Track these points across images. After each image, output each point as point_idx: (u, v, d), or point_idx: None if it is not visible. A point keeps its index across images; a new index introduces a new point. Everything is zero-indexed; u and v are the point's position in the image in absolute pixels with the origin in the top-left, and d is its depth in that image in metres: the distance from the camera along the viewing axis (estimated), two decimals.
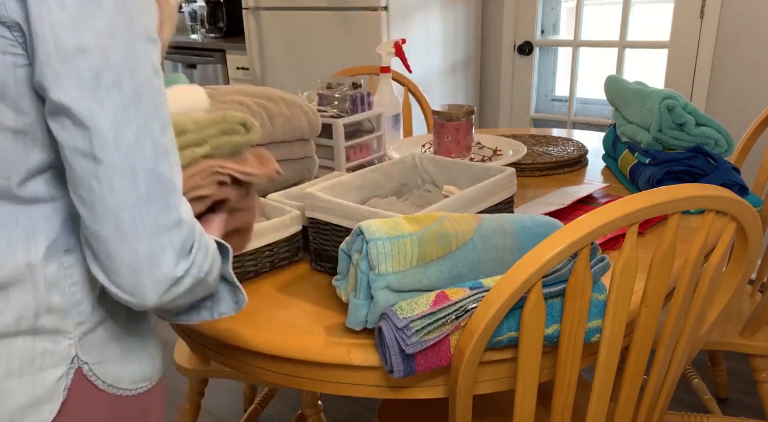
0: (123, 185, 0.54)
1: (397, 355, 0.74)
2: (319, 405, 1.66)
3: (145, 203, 0.55)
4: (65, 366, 0.61)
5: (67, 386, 0.61)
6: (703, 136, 1.29)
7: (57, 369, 0.60)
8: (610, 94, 1.59)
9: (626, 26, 2.57)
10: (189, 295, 0.61)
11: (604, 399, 0.82)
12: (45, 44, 0.51)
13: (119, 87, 0.53)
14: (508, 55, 2.91)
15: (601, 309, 0.78)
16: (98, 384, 0.63)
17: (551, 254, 0.68)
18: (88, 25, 0.52)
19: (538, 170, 1.49)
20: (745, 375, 2.04)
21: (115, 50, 0.53)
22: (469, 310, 0.76)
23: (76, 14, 0.51)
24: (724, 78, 2.38)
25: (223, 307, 0.68)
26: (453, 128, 1.38)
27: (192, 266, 0.58)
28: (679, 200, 0.71)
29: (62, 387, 0.60)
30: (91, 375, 0.62)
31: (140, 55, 0.54)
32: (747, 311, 1.51)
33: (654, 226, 1.15)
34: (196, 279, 0.59)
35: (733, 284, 0.91)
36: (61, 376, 0.60)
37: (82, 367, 0.62)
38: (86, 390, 0.62)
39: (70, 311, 0.61)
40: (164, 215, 0.56)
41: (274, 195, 1.12)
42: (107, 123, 0.53)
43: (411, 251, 0.79)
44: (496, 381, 0.84)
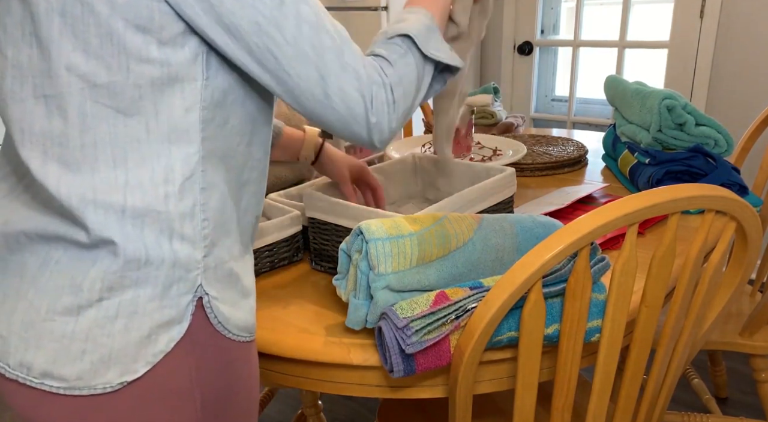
0: (303, 69, 0.66)
1: (397, 355, 0.74)
2: (319, 405, 1.66)
3: (325, 76, 0.67)
4: (192, 293, 0.68)
5: (192, 312, 0.68)
6: (703, 136, 1.29)
7: (187, 295, 0.67)
8: (609, 94, 1.59)
9: (626, 26, 2.57)
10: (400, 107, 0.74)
11: (604, 399, 0.82)
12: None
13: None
14: (508, 55, 2.91)
15: (601, 309, 0.78)
16: (211, 319, 0.69)
17: (551, 254, 0.68)
18: None
19: (538, 170, 1.49)
20: (745, 375, 2.04)
21: None
22: (469, 310, 0.76)
23: None
24: (724, 78, 2.38)
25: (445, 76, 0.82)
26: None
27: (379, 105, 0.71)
28: (679, 200, 0.71)
29: (190, 311, 0.67)
30: (208, 307, 0.69)
31: None
32: (747, 312, 1.51)
33: (654, 226, 1.15)
34: (391, 108, 0.72)
35: (732, 284, 0.91)
36: (189, 302, 0.67)
37: (203, 298, 0.68)
38: (203, 321, 0.69)
39: (200, 243, 0.68)
40: (344, 78, 0.68)
41: (274, 195, 1.12)
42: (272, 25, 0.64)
43: (411, 252, 0.79)
44: (496, 381, 0.84)
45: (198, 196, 0.67)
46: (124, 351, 0.64)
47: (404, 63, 0.75)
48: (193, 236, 0.67)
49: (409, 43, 0.76)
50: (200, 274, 0.68)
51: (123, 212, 0.64)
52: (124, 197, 0.64)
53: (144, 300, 0.65)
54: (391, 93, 0.72)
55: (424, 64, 0.77)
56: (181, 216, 0.66)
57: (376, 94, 0.70)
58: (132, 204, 0.64)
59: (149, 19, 0.61)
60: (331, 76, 0.67)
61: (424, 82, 0.78)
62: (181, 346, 0.67)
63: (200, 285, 0.68)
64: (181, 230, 0.66)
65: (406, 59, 0.75)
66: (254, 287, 0.77)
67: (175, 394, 0.67)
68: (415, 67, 0.76)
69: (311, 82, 0.67)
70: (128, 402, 0.65)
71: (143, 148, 0.65)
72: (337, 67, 0.68)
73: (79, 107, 0.63)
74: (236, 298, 0.72)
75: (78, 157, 0.64)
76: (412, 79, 0.75)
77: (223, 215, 0.70)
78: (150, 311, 0.65)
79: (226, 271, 0.71)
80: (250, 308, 0.75)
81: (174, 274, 0.66)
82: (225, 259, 0.71)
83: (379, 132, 0.72)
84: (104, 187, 0.64)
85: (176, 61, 0.64)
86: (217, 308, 0.69)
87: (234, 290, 0.72)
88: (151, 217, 0.65)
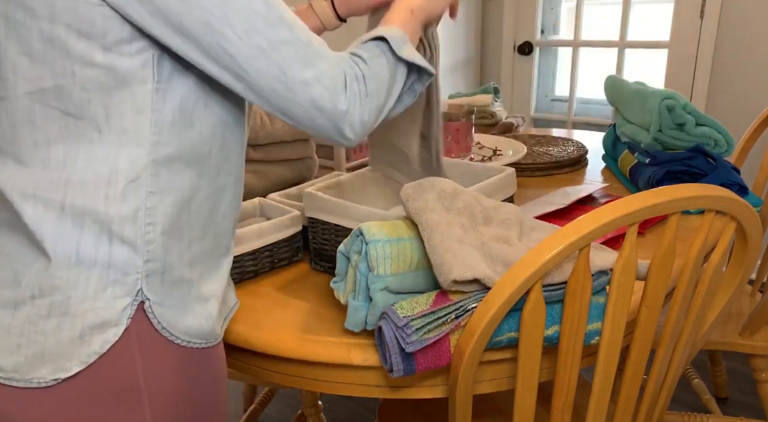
0: (260, 65, 0.64)
1: (396, 354, 0.74)
2: (319, 405, 1.66)
3: (285, 70, 0.65)
4: (131, 297, 0.67)
5: (130, 316, 0.67)
6: (703, 136, 1.29)
7: (124, 298, 0.66)
8: (610, 94, 1.59)
9: (626, 26, 2.57)
10: (373, 101, 0.72)
11: (604, 399, 0.82)
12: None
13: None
14: (508, 55, 2.91)
15: (601, 312, 0.78)
16: (154, 324, 0.68)
17: (551, 254, 0.68)
18: None
19: (538, 170, 1.49)
20: (745, 375, 2.04)
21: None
22: (469, 310, 0.76)
23: None
24: (724, 78, 2.38)
25: (417, 87, 0.81)
26: (453, 128, 1.38)
27: (352, 96, 0.69)
28: (679, 200, 0.71)
29: (127, 315, 0.67)
30: (150, 312, 0.68)
31: None
32: (747, 311, 1.51)
33: (654, 226, 1.15)
34: (364, 101, 0.70)
35: (732, 284, 0.91)
36: (126, 306, 0.66)
37: (144, 302, 0.67)
38: (145, 325, 0.68)
39: (141, 247, 0.67)
40: (305, 70, 0.66)
41: (274, 195, 1.12)
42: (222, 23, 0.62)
43: (410, 255, 0.80)
44: (496, 381, 0.84)
45: (144, 200, 0.66)
46: (57, 349, 0.65)
47: (378, 63, 0.74)
48: (133, 240, 0.66)
49: (383, 47, 0.76)
50: (140, 278, 0.67)
51: (62, 210, 0.64)
52: (65, 195, 0.64)
53: (75, 302, 0.65)
54: (364, 85, 0.71)
55: (396, 66, 0.76)
56: (121, 219, 0.65)
57: (349, 84, 0.69)
58: (71, 203, 0.64)
59: (90, 25, 0.61)
60: (291, 70, 0.65)
61: (396, 86, 0.77)
62: (119, 348, 0.66)
63: (140, 290, 0.67)
64: (120, 233, 0.65)
65: (380, 60, 0.75)
66: (220, 292, 0.76)
67: (118, 395, 0.67)
68: (388, 68, 0.75)
69: (271, 77, 0.65)
70: (64, 398, 0.66)
71: (95, 149, 0.64)
72: (298, 60, 0.65)
73: (27, 109, 0.63)
74: (188, 304, 0.71)
75: (32, 154, 0.65)
76: (385, 77, 0.74)
77: (178, 221, 0.69)
78: (82, 312, 0.65)
79: (176, 277, 0.70)
80: (208, 315, 0.73)
81: (108, 276, 0.65)
82: (174, 265, 0.69)
83: (350, 124, 0.70)
84: (46, 184, 0.64)
85: (123, 65, 0.63)
86: (161, 313, 0.68)
87: (185, 296, 0.71)
88: (90, 217, 0.64)
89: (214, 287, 0.75)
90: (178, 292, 0.70)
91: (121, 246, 0.66)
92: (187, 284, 0.71)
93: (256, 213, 1.11)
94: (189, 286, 0.71)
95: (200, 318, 0.72)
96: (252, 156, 1.21)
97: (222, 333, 0.78)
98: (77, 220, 0.64)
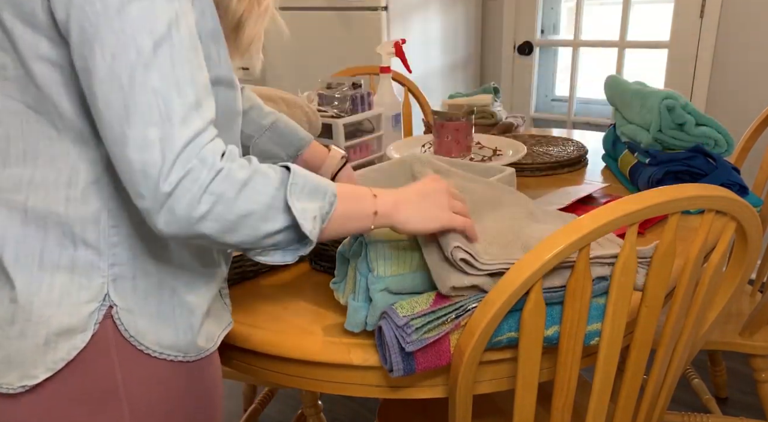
0: (112, 97, 0.56)
1: (397, 354, 0.74)
2: (319, 405, 1.66)
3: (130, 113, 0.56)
4: (98, 301, 0.64)
5: (98, 320, 0.64)
6: (703, 136, 1.29)
7: (90, 304, 0.64)
8: (610, 94, 1.59)
9: (626, 26, 2.57)
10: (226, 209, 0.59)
11: (604, 399, 0.82)
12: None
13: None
14: (508, 55, 2.91)
15: (601, 313, 0.78)
16: (122, 331, 0.66)
17: (551, 254, 0.68)
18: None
19: (538, 170, 1.49)
20: (745, 375, 2.04)
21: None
22: (469, 310, 0.76)
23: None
24: (724, 78, 2.38)
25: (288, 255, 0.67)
26: (453, 128, 1.38)
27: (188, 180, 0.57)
28: (679, 200, 0.71)
29: (94, 320, 0.64)
30: (117, 318, 0.65)
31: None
32: (747, 311, 1.51)
33: (654, 226, 1.15)
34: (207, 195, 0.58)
35: (733, 284, 0.91)
36: (93, 311, 0.64)
37: (112, 307, 0.65)
38: (113, 332, 0.65)
39: (106, 250, 0.64)
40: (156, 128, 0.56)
41: None
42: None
43: (410, 256, 0.80)
44: (496, 381, 0.84)
45: (106, 201, 0.63)
46: (22, 355, 0.63)
47: (264, 183, 0.62)
48: (96, 242, 0.63)
49: (283, 176, 0.64)
50: (106, 283, 0.64)
51: (25, 212, 0.62)
52: (27, 197, 0.62)
53: (38, 307, 0.62)
54: (217, 183, 0.58)
55: (279, 206, 0.63)
56: (82, 221, 0.63)
57: (193, 168, 0.57)
58: (33, 205, 0.62)
59: (32, 14, 0.58)
60: (136, 118, 0.55)
61: (266, 224, 0.63)
62: (90, 355, 0.64)
63: (107, 294, 0.64)
64: (83, 236, 0.63)
65: (267, 181, 0.62)
66: (206, 305, 0.72)
67: (94, 402, 0.65)
68: (269, 198, 0.62)
69: (113, 114, 0.56)
70: (34, 405, 0.64)
71: (54, 146, 0.62)
72: (152, 114, 0.56)
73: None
74: (166, 313, 0.68)
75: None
76: (253, 199, 0.61)
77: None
78: (46, 318, 0.62)
79: (153, 283, 0.67)
80: (188, 327, 0.69)
81: (73, 281, 0.63)
82: (149, 271, 0.66)
83: (168, 210, 0.57)
84: (9, 184, 0.63)
85: (69, 61, 0.60)
86: (129, 321, 0.65)
87: (163, 304, 0.68)
88: (52, 219, 0.62)
89: (200, 298, 0.71)
90: (154, 299, 0.67)
91: (85, 250, 0.63)
92: (169, 292, 0.68)
93: None
94: (171, 294, 0.68)
95: (178, 329, 0.69)
96: None
97: (211, 347, 0.74)
98: (40, 223, 0.62)
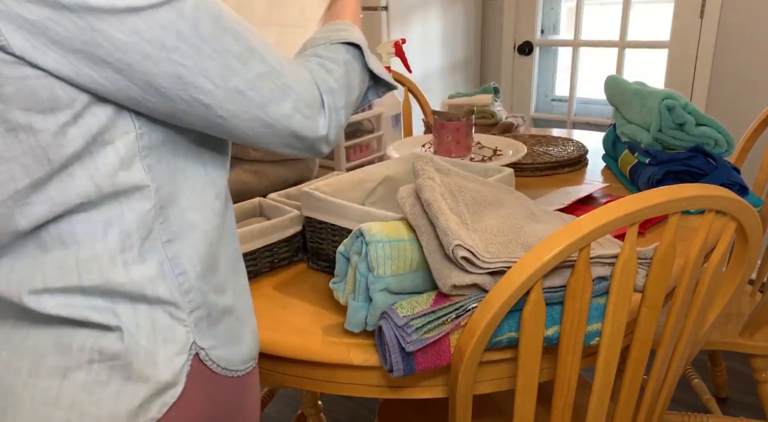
0: (238, 107, 0.59)
1: (397, 354, 0.74)
2: (319, 405, 1.66)
3: (263, 107, 0.61)
4: (186, 354, 0.62)
5: (188, 372, 0.62)
6: (703, 136, 1.29)
7: (180, 357, 0.61)
8: (610, 94, 1.59)
9: (626, 26, 2.57)
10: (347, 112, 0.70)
11: (604, 399, 0.82)
12: None
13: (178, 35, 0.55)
14: (508, 55, 2.91)
15: (601, 313, 0.78)
16: (214, 369, 0.64)
17: (551, 254, 0.68)
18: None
19: (538, 170, 1.49)
20: (745, 375, 2.04)
21: None
22: (469, 310, 0.76)
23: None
24: (724, 78, 2.38)
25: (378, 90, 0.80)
26: (453, 128, 1.38)
27: (329, 114, 0.67)
28: (679, 200, 0.71)
29: (185, 372, 0.62)
30: (207, 360, 0.64)
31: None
32: (747, 311, 1.51)
33: (654, 226, 1.15)
34: (339, 115, 0.68)
35: (733, 284, 0.91)
36: (183, 364, 0.61)
37: (199, 353, 0.63)
38: (205, 375, 0.64)
39: (182, 300, 0.61)
40: (284, 103, 0.62)
41: (274, 195, 1.12)
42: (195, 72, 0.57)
43: (410, 256, 0.80)
44: (496, 381, 0.84)
45: (162, 252, 0.60)
46: (111, 420, 0.58)
47: (351, 70, 0.72)
48: (170, 296, 0.60)
49: (355, 53, 0.74)
50: (191, 331, 0.62)
51: (83, 292, 0.58)
52: (79, 278, 0.57)
53: (138, 366, 0.59)
54: (339, 98, 0.69)
55: (364, 76, 0.76)
56: (150, 281, 0.59)
57: (326, 103, 0.66)
58: (90, 284, 0.58)
59: (53, 99, 0.53)
60: (270, 106, 0.61)
61: (361, 92, 0.76)
62: (177, 409, 0.61)
63: (194, 342, 0.62)
64: (155, 295, 0.60)
65: (352, 67, 0.73)
66: (251, 302, 0.72)
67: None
68: (359, 78, 0.74)
69: (249, 117, 0.60)
70: None
71: (91, 215, 0.57)
72: (276, 93, 0.61)
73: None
74: (236, 332, 0.67)
75: (22, 240, 0.57)
76: (355, 87, 0.73)
77: (209, 255, 0.63)
78: (145, 378, 0.59)
79: (220, 311, 0.65)
80: (252, 332, 0.70)
81: (156, 339, 0.60)
82: (214, 300, 0.64)
83: (326, 142, 0.68)
84: (54, 271, 0.57)
85: (92, 127, 0.55)
86: (218, 356, 0.64)
87: (232, 326, 0.67)
88: (115, 290, 0.58)
89: (245, 300, 0.71)
90: (224, 325, 0.66)
91: (162, 307, 0.60)
92: (229, 313, 0.67)
93: (256, 213, 1.11)
94: (231, 313, 0.67)
95: (249, 340, 0.69)
96: (252, 156, 1.21)
97: None
98: (106, 296, 0.58)
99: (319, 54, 0.71)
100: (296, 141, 0.65)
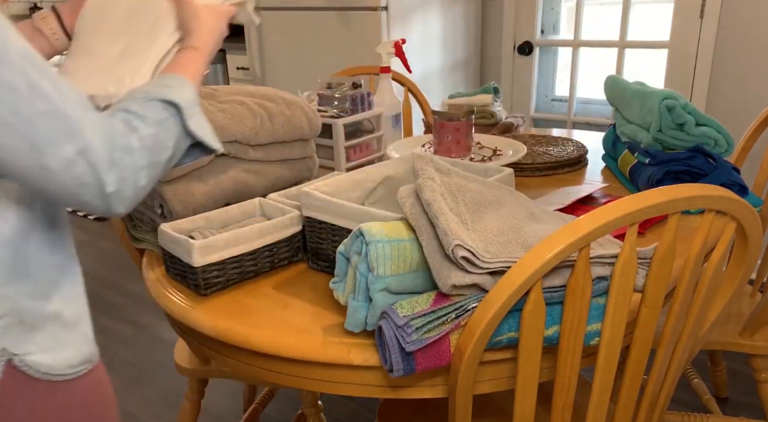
0: (8, 141, 0.55)
1: (396, 354, 0.74)
2: (319, 405, 1.66)
3: (39, 146, 0.56)
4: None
5: (0, 379, 0.61)
6: (703, 136, 1.29)
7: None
8: (609, 94, 1.59)
9: (626, 26, 2.57)
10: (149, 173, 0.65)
11: (604, 399, 0.82)
12: None
13: None
14: (508, 55, 2.91)
15: (601, 313, 0.78)
16: (32, 374, 0.63)
17: (551, 254, 0.68)
18: None
19: (538, 170, 1.49)
20: (745, 375, 2.04)
21: None
22: (469, 310, 0.76)
23: None
24: (724, 78, 2.38)
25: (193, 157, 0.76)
26: (453, 128, 1.38)
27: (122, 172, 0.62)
28: (679, 200, 0.71)
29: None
30: (23, 366, 0.63)
31: None
32: (747, 311, 1.51)
33: (654, 226, 1.15)
34: (137, 175, 0.63)
35: (733, 284, 0.91)
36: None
37: (12, 359, 0.62)
38: (21, 379, 0.63)
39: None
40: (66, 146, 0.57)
41: (274, 195, 1.12)
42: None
43: (411, 256, 0.80)
44: (496, 381, 0.84)
45: None
46: None
47: (166, 128, 0.68)
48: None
49: (173, 111, 0.70)
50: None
51: None
52: None
53: None
54: (140, 157, 0.64)
55: (182, 138, 0.72)
56: None
57: (119, 160, 0.61)
58: None
59: None
60: (47, 146, 0.56)
61: (176, 156, 0.72)
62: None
63: (3, 349, 0.62)
64: None
65: (166, 125, 0.68)
66: (83, 312, 0.71)
67: None
68: (173, 139, 0.69)
69: (19, 154, 0.56)
70: None
71: None
72: (58, 135, 0.57)
73: None
74: (61, 338, 0.66)
75: None
76: (167, 148, 0.68)
77: (13, 265, 0.62)
78: None
79: (39, 317, 0.64)
80: (84, 337, 0.69)
81: None
82: (30, 307, 0.63)
83: (119, 200, 0.62)
84: None
85: None
86: (35, 361, 0.64)
87: (56, 332, 0.66)
88: None
89: (76, 306, 0.70)
90: (45, 332, 0.65)
91: None
92: (53, 319, 0.66)
93: (256, 213, 1.11)
94: (56, 319, 0.66)
95: (76, 343, 0.68)
96: (252, 156, 1.21)
97: None
98: None
99: (129, 109, 0.67)
100: (82, 192, 0.60)
